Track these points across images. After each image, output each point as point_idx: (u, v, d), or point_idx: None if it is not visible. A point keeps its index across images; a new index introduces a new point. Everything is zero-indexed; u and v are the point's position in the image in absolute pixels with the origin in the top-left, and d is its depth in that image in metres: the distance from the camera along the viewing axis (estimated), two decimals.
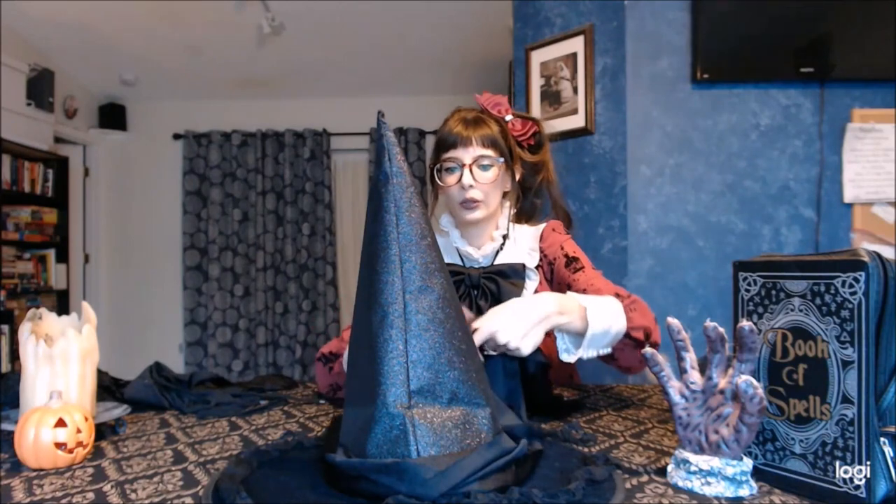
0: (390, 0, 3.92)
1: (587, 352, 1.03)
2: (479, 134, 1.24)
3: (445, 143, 1.26)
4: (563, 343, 1.05)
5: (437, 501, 0.63)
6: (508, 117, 1.33)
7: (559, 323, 1.00)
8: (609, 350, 1.06)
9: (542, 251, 1.32)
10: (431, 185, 1.34)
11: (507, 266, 1.26)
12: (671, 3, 2.46)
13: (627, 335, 1.06)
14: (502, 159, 1.26)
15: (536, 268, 1.30)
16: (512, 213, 1.34)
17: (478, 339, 0.94)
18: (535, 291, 1.28)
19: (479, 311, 1.24)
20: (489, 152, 1.24)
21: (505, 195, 1.33)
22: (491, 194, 1.26)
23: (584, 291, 1.18)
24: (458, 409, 0.69)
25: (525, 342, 0.95)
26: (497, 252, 1.31)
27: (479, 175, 1.24)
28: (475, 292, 1.26)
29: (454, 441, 0.68)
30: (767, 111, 2.46)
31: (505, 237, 1.31)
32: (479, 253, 1.30)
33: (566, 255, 1.28)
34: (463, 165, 1.24)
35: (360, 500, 0.67)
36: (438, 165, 1.28)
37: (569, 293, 1.06)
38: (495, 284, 1.24)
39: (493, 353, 0.98)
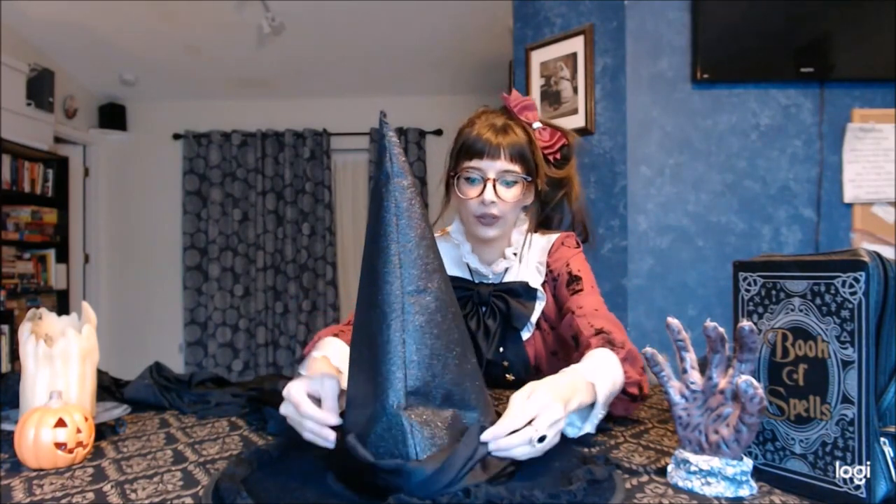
0: (390, 0, 3.92)
1: (593, 424, 0.90)
2: (507, 144, 1.15)
3: (471, 149, 1.16)
4: (570, 420, 0.90)
5: (438, 500, 0.63)
6: (536, 125, 1.24)
7: (572, 409, 0.83)
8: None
9: (549, 266, 1.24)
10: (446, 191, 1.23)
11: (518, 284, 1.21)
12: (671, 3, 2.46)
13: (623, 390, 0.95)
14: (529, 177, 1.18)
15: (543, 285, 1.24)
16: (526, 227, 1.26)
17: (526, 419, 0.74)
18: (543, 311, 1.23)
19: (487, 329, 1.20)
20: (515, 168, 1.16)
21: (524, 208, 1.26)
22: (510, 212, 1.18)
23: (572, 314, 1.12)
24: (451, 411, 0.70)
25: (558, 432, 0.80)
26: (507, 267, 1.25)
27: (502, 192, 1.15)
28: (483, 309, 1.21)
29: (448, 442, 0.68)
30: (767, 111, 2.46)
31: (516, 254, 1.24)
32: (490, 269, 1.23)
33: (569, 273, 1.21)
34: (486, 179, 1.15)
35: (359, 500, 0.67)
36: (458, 174, 1.18)
37: (572, 367, 0.91)
38: (504, 303, 1.19)
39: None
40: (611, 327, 1.05)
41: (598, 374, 0.90)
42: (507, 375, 1.23)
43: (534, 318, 1.22)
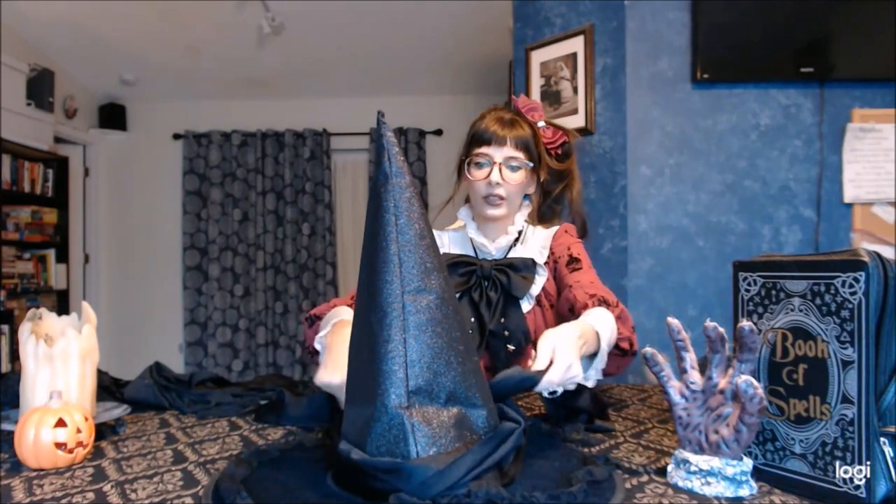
0: (390, 0, 3.92)
1: (597, 371, 1.03)
2: (513, 135, 1.30)
3: (480, 138, 1.32)
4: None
5: (438, 500, 0.63)
6: (541, 123, 1.39)
7: (583, 352, 0.98)
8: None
9: (551, 249, 1.36)
10: (457, 176, 1.40)
11: (518, 260, 1.31)
12: (671, 3, 2.46)
13: (616, 345, 1.06)
14: (531, 164, 1.32)
15: (545, 264, 1.34)
16: (529, 212, 1.38)
17: (557, 376, 0.88)
18: (543, 287, 1.32)
19: (489, 301, 1.29)
20: (520, 154, 1.31)
21: (526, 196, 1.38)
22: (515, 194, 1.32)
23: (569, 287, 1.22)
24: (455, 409, 0.70)
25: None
26: (510, 247, 1.36)
27: (507, 175, 1.29)
28: (486, 283, 1.30)
29: (452, 441, 0.68)
30: (767, 111, 2.46)
31: (520, 233, 1.36)
32: (493, 245, 1.34)
33: (570, 255, 1.32)
34: (493, 163, 1.29)
35: (359, 499, 0.67)
36: (469, 159, 1.33)
37: (581, 318, 1.06)
38: (506, 277, 1.29)
39: (555, 393, 0.93)
40: (605, 294, 1.15)
41: (600, 324, 1.03)
42: (508, 345, 1.29)
43: (534, 290, 1.31)
